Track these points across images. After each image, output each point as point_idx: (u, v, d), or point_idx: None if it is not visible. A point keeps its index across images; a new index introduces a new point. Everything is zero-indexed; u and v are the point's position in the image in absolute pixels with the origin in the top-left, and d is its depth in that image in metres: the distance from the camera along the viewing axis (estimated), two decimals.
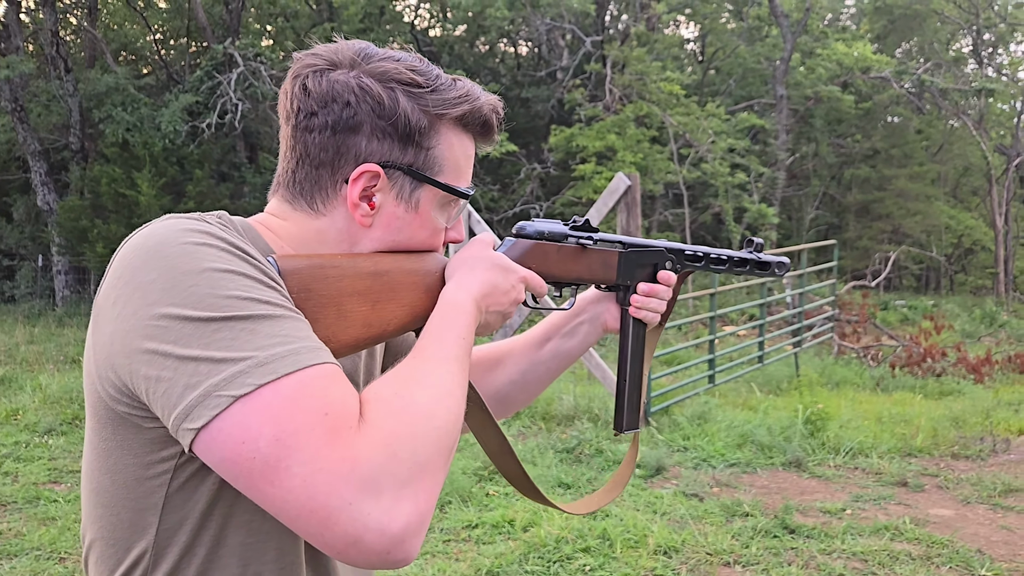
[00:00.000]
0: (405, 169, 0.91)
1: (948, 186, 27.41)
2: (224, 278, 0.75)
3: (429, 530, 4.32)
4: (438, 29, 21.10)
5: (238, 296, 0.75)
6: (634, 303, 1.18)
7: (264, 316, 0.75)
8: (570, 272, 1.11)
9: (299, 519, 0.71)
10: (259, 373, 0.72)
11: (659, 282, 1.19)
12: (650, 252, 1.18)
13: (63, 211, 14.86)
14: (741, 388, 8.23)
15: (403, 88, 0.90)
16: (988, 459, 5.81)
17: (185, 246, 0.77)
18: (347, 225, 0.92)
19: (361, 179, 0.90)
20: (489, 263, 0.99)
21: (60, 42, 15.63)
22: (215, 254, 0.77)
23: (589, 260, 1.12)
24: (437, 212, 0.96)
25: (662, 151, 17.82)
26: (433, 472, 0.76)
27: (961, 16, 25.48)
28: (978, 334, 14.78)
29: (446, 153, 0.94)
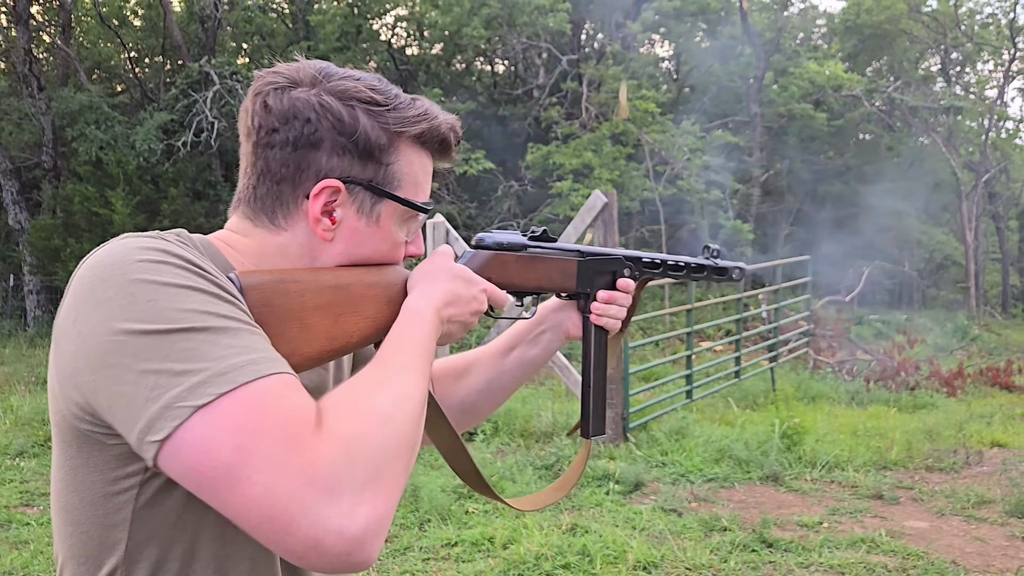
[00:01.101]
0: (365, 184, 0.93)
1: (919, 202, 27.82)
2: (181, 293, 0.76)
3: (408, 549, 4.29)
4: (415, 48, 21.19)
5: (196, 309, 0.76)
6: (594, 310, 1.20)
7: (222, 328, 0.76)
8: (530, 281, 1.12)
9: (260, 526, 0.72)
10: (219, 383, 0.73)
11: (618, 289, 1.21)
12: (608, 260, 1.20)
13: (35, 230, 14.68)
14: (718, 403, 8.27)
15: (363, 106, 0.92)
16: (961, 471, 5.88)
17: (142, 263, 0.78)
18: (309, 240, 0.94)
19: (322, 194, 0.91)
20: (450, 274, 1.01)
21: (33, 60, 15.50)
22: (171, 270, 0.78)
23: (548, 269, 1.14)
24: (397, 226, 0.98)
25: (638, 168, 17.96)
26: (392, 475, 0.77)
27: (929, 35, 26.02)
28: (950, 348, 14.98)
29: (405, 169, 0.96)
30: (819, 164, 24.77)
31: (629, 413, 6.41)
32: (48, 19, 18.65)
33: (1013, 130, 29.66)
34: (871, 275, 22.09)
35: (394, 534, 4.49)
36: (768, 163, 22.55)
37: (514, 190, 18.21)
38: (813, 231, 25.89)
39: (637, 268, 1.24)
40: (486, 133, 20.12)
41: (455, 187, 17.90)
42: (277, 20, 19.94)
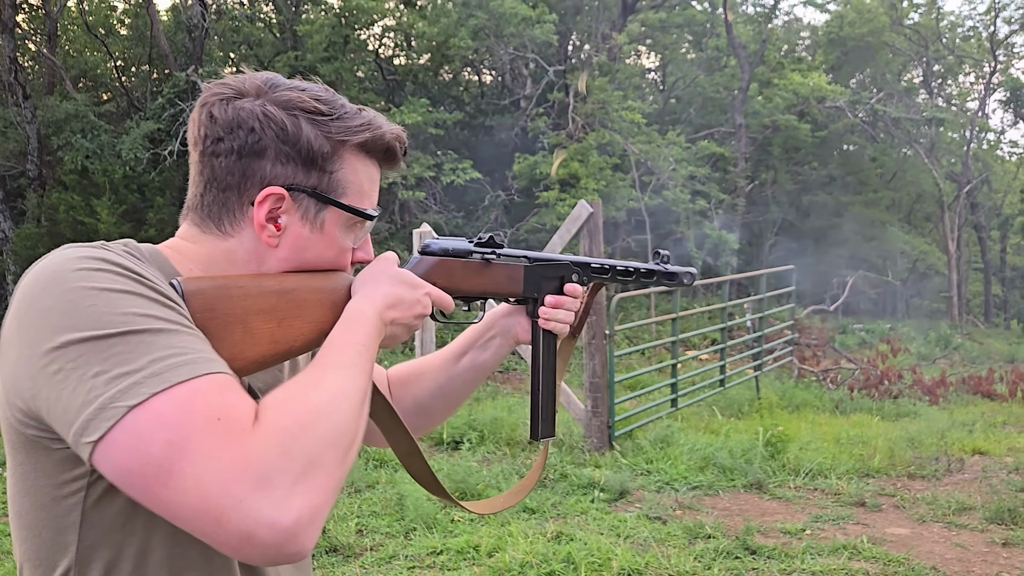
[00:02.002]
0: (309, 192, 0.95)
1: (902, 212, 28.10)
2: (119, 297, 0.78)
3: (394, 557, 4.30)
4: (402, 58, 21.23)
5: (134, 313, 0.78)
6: (542, 315, 1.22)
7: (159, 330, 0.78)
8: (476, 287, 1.14)
9: (193, 520, 0.73)
10: (152, 383, 0.74)
11: (566, 294, 1.23)
12: (555, 265, 1.22)
13: (19, 239, 14.60)
14: (703, 412, 8.32)
15: (307, 116, 0.94)
16: (943, 479, 5.94)
17: (80, 272, 0.80)
18: (255, 246, 0.96)
19: (267, 201, 0.93)
20: (394, 278, 1.03)
21: (18, 68, 15.44)
22: (109, 277, 0.80)
23: (495, 274, 1.15)
24: (343, 233, 1.00)
25: (624, 178, 18.06)
26: (328, 470, 0.78)
27: (911, 48, 26.32)
28: (933, 356, 15.11)
29: (350, 177, 0.97)
30: (803, 175, 24.98)
31: (614, 421, 6.44)
32: (34, 27, 18.59)
33: (994, 141, 30.06)
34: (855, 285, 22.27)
35: (379, 543, 4.50)
36: (753, 174, 22.72)
37: (501, 200, 18.26)
38: (798, 241, 26.08)
39: (585, 273, 1.25)
40: (473, 143, 20.17)
41: (442, 197, 17.93)
42: (264, 30, 19.95)
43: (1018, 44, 27.58)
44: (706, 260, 19.04)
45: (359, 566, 4.20)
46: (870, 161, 26.12)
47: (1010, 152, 32.57)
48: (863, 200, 25.01)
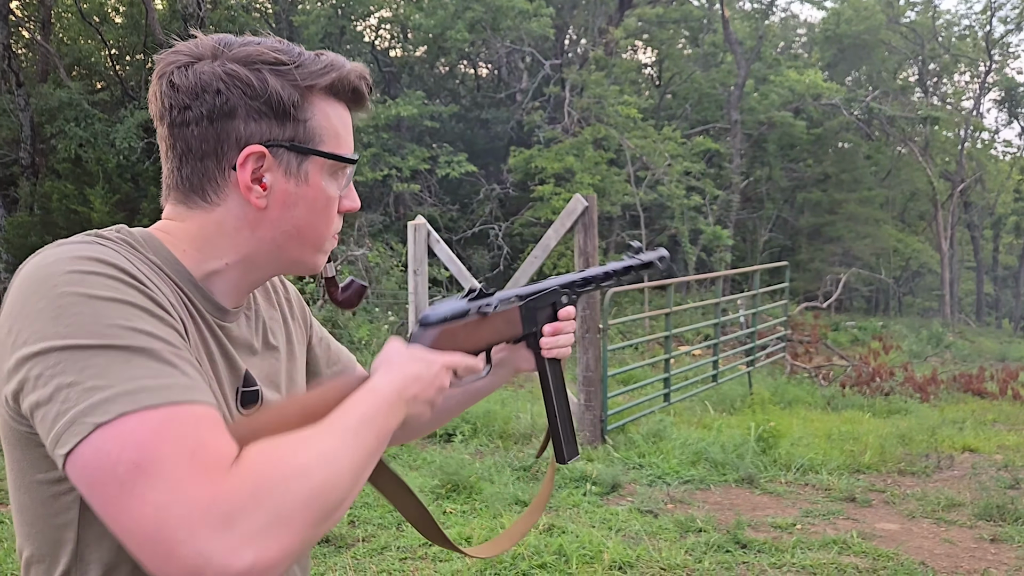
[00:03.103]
0: (288, 145, 0.92)
1: (896, 210, 28.18)
2: (108, 306, 0.77)
3: (386, 548, 4.31)
4: (399, 50, 21.18)
5: (120, 325, 0.76)
6: (544, 346, 1.22)
7: (141, 348, 0.76)
8: (480, 342, 1.13)
9: (144, 546, 0.71)
10: (123, 401, 0.73)
11: (561, 319, 1.23)
12: (546, 295, 1.22)
13: (11, 227, 14.54)
14: (696, 406, 8.35)
15: (269, 67, 0.91)
16: (933, 475, 5.97)
17: (73, 274, 0.78)
18: (243, 211, 0.93)
19: (248, 162, 0.90)
20: (409, 356, 1.00)
21: (12, 56, 15.35)
22: (102, 282, 0.78)
23: (494, 324, 1.15)
24: (328, 181, 0.96)
25: (619, 173, 18.07)
26: (295, 528, 0.76)
27: (907, 46, 26.36)
28: (925, 354, 15.18)
29: (323, 123, 0.94)
30: (798, 172, 25.03)
31: (607, 415, 6.46)
32: (28, 15, 18.48)
33: (988, 141, 30.16)
34: (848, 282, 22.34)
35: (372, 534, 4.51)
36: (748, 170, 22.75)
37: (496, 193, 18.25)
38: (792, 238, 26.15)
39: (573, 292, 1.27)
40: (468, 136, 20.15)
41: (437, 189, 17.91)
42: (260, 20, 19.87)
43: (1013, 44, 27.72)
44: (700, 256, 19.08)
45: (351, 557, 4.21)
46: (864, 159, 26.18)
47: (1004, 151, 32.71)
48: (857, 198, 25.07)
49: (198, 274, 0.94)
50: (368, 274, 12.60)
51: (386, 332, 11.20)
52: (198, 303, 0.93)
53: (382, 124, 16.10)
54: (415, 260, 7.17)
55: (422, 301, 7.20)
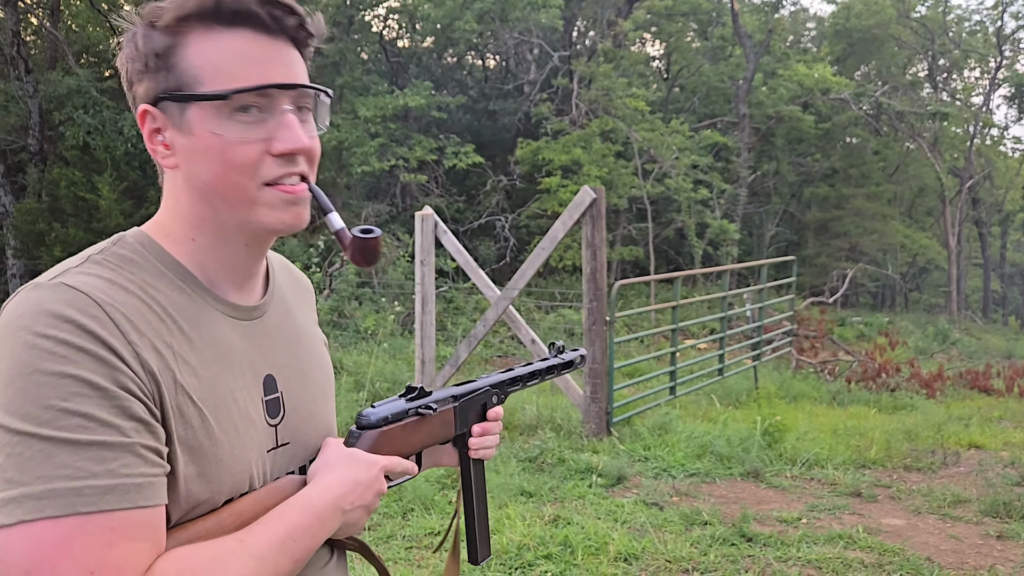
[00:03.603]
0: (165, 97, 0.87)
1: (903, 206, 28.08)
2: (50, 383, 0.74)
3: (391, 537, 4.32)
4: (406, 40, 21.13)
5: (54, 407, 0.74)
6: (472, 446, 1.20)
7: (66, 441, 0.73)
8: (418, 444, 1.10)
9: None
10: (28, 507, 0.71)
11: (489, 419, 1.21)
12: (479, 395, 1.21)
13: (19, 214, 14.57)
14: (701, 400, 8.34)
15: (144, 23, 0.88)
16: (939, 471, 5.96)
17: (29, 337, 0.76)
18: (170, 176, 0.92)
19: (145, 124, 0.89)
20: (349, 460, 0.97)
21: (21, 42, 15.36)
22: (52, 350, 0.75)
23: (431, 426, 1.13)
24: (223, 125, 0.86)
25: (627, 166, 18.03)
26: None
27: (917, 41, 26.22)
28: (931, 351, 15.15)
29: (198, 61, 0.86)
30: (806, 166, 24.95)
31: (613, 408, 6.46)
32: (37, 2, 18.47)
33: (997, 137, 30.00)
34: (855, 277, 22.29)
35: (377, 523, 4.52)
36: (755, 164, 22.68)
37: (503, 185, 18.22)
38: (798, 232, 26.08)
39: (503, 392, 1.25)
40: (476, 128, 20.11)
41: (443, 180, 17.89)
42: None
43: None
44: (707, 249, 19.05)
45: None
46: (873, 154, 26.08)
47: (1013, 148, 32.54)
48: (865, 193, 24.98)
49: (195, 267, 0.92)
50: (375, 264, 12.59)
51: (392, 322, 11.21)
52: (211, 305, 0.92)
53: (389, 114, 16.08)
54: (422, 251, 7.17)
55: (428, 291, 7.20)
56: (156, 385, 0.81)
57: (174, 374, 0.83)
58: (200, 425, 0.85)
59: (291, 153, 0.88)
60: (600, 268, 6.30)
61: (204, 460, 0.85)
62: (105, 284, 0.82)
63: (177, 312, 0.87)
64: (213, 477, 0.85)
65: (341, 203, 15.65)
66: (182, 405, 0.83)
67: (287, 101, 0.88)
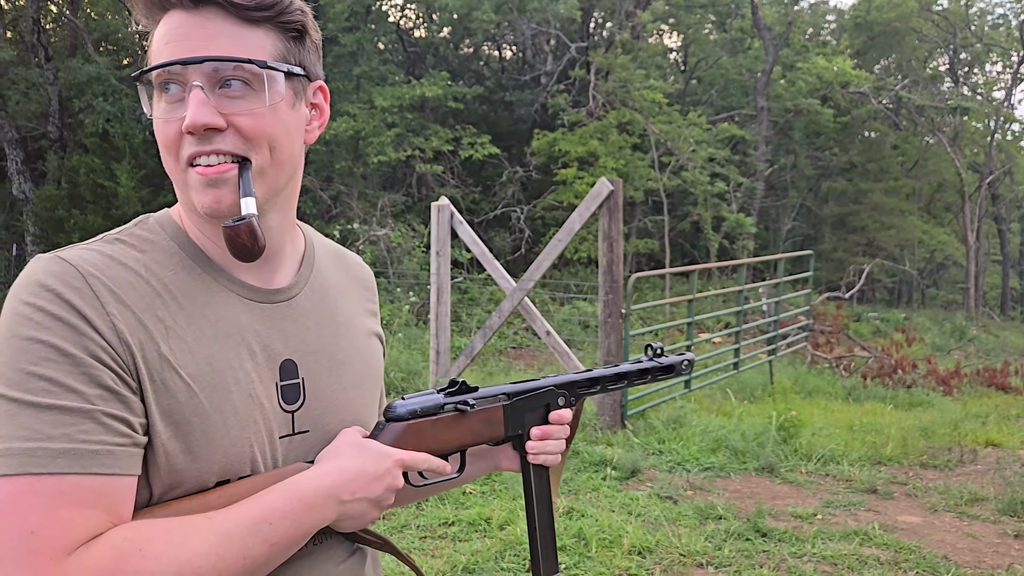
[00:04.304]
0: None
1: (922, 201, 27.84)
2: (21, 348, 0.77)
3: (406, 526, 4.34)
4: (423, 30, 21.10)
5: (23, 370, 0.76)
6: (531, 450, 1.11)
7: (29, 403, 0.75)
8: (453, 442, 1.03)
9: None
10: None
11: (552, 422, 1.11)
12: (537, 395, 1.11)
13: (39, 200, 14.69)
14: (716, 394, 8.32)
15: None
16: (956, 469, 5.92)
17: (16, 304, 0.79)
18: None
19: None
20: (357, 449, 0.93)
21: (41, 30, 15.46)
22: (30, 316, 0.78)
23: (471, 424, 1.04)
24: (159, 105, 0.89)
25: (643, 158, 17.96)
26: None
27: (939, 35, 25.93)
28: (948, 347, 15.03)
29: (153, 45, 0.89)
30: (824, 160, 24.76)
31: (627, 401, 6.45)
32: None
33: (1019, 132, 29.64)
34: (872, 273, 22.13)
35: (392, 512, 4.54)
36: (773, 157, 22.54)
37: (518, 176, 18.20)
38: (815, 227, 25.92)
39: (572, 394, 1.15)
40: (492, 118, 20.08)
41: (459, 171, 17.88)
42: None
43: None
44: (723, 243, 18.97)
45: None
46: (892, 149, 25.85)
47: None
48: (883, 188, 24.77)
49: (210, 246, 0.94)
50: (390, 255, 12.63)
51: (407, 312, 11.23)
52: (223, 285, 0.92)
53: (406, 104, 16.08)
54: (438, 241, 7.17)
55: (444, 282, 7.20)
56: (132, 356, 0.81)
57: (158, 347, 0.83)
58: (187, 400, 0.84)
59: (189, 131, 0.85)
60: (616, 261, 6.28)
61: (191, 435, 0.84)
62: (101, 258, 0.84)
63: (179, 289, 0.88)
64: (201, 454, 0.84)
65: (357, 193, 15.68)
66: (167, 378, 0.83)
67: (197, 77, 0.85)
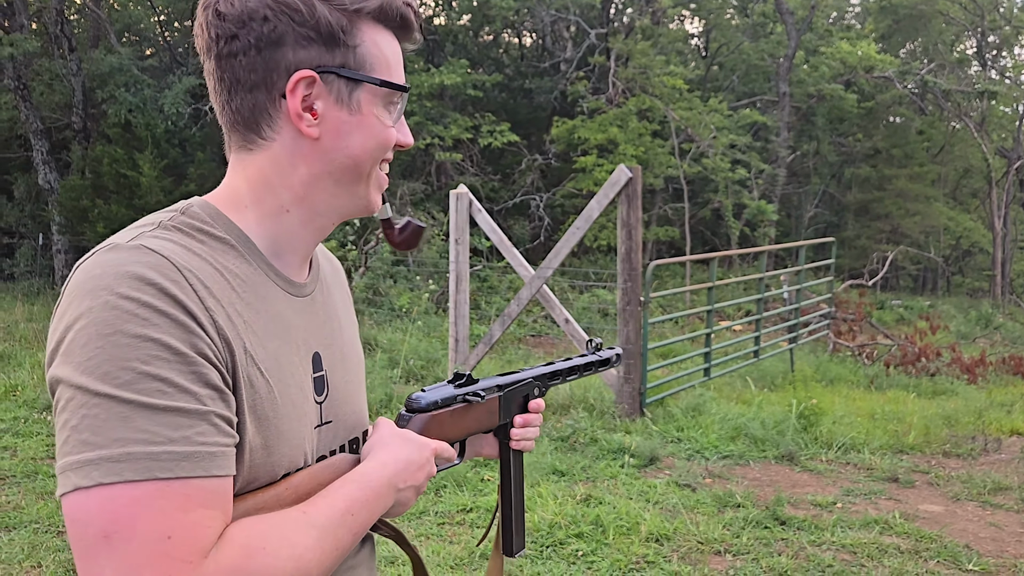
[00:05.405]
0: (338, 71, 0.89)
1: (948, 187, 27.44)
2: (129, 345, 0.74)
3: (424, 513, 4.36)
4: (442, 18, 21.05)
5: (133, 369, 0.74)
6: (515, 437, 1.21)
7: (145, 405, 0.74)
8: (463, 431, 1.12)
9: None
10: (105, 469, 0.72)
11: (531, 411, 1.23)
12: (523, 386, 1.22)
13: (64, 190, 14.86)
14: (736, 382, 8.28)
15: None
16: (979, 458, 5.86)
17: (110, 298, 0.76)
18: (296, 144, 0.90)
19: (298, 88, 0.87)
20: (402, 440, 0.98)
21: (64, 21, 15.59)
22: (133, 311, 0.75)
23: (477, 414, 1.14)
24: (380, 111, 0.93)
25: (663, 145, 17.83)
26: None
27: (966, 18, 25.48)
28: (973, 335, 14.85)
29: (373, 50, 0.91)
30: (847, 146, 24.46)
31: (646, 388, 6.44)
32: None
33: None
34: (896, 260, 21.88)
35: None
36: (795, 144, 22.30)
37: (538, 164, 18.14)
38: (838, 214, 25.65)
39: (544, 385, 1.26)
40: (511, 106, 20.01)
41: (479, 159, 17.85)
42: None
43: None
44: (744, 230, 18.82)
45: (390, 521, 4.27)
46: (917, 134, 25.47)
47: None
48: (908, 174, 24.43)
49: (265, 239, 0.93)
50: None
51: (427, 300, 11.26)
52: (272, 279, 0.92)
53: (425, 93, 16.06)
54: (456, 229, 7.17)
55: (463, 270, 7.21)
56: (230, 353, 0.81)
57: (244, 343, 0.84)
58: (267, 396, 0.85)
59: (401, 147, 0.97)
60: (635, 248, 6.25)
61: (269, 431, 0.85)
62: (182, 250, 0.82)
63: (245, 282, 0.88)
64: (274, 449, 0.86)
65: None
66: (251, 375, 0.84)
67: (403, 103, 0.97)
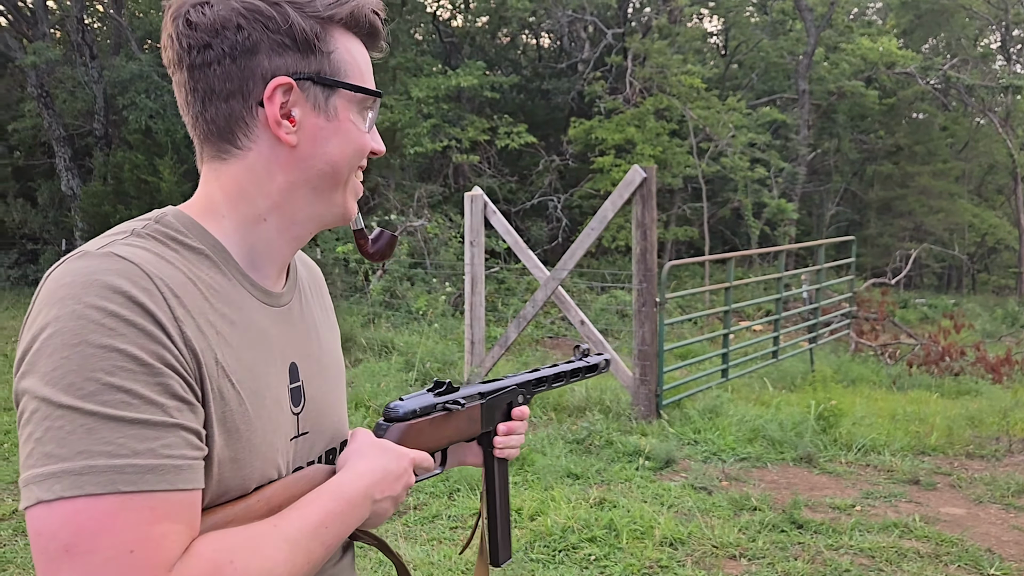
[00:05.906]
0: (315, 78, 0.89)
1: (972, 184, 27.09)
2: (95, 355, 0.73)
3: (437, 516, 4.35)
4: (460, 19, 21.07)
5: (98, 380, 0.72)
6: (498, 445, 1.20)
7: (109, 417, 0.72)
8: (444, 439, 1.10)
9: None
10: (69, 482, 0.71)
11: (515, 419, 1.22)
12: (505, 393, 1.20)
13: (86, 196, 15.04)
14: (754, 383, 8.20)
15: (287, 1, 0.88)
16: (1003, 459, 5.76)
17: (77, 307, 0.74)
18: (274, 151, 0.89)
19: (275, 95, 0.87)
20: (380, 450, 0.97)
21: (86, 29, 15.78)
22: (100, 321, 0.74)
23: (457, 422, 1.12)
24: (356, 117, 0.94)
25: (681, 144, 17.74)
26: None
27: (990, 12, 25.12)
28: (999, 334, 14.62)
29: (346, 56, 0.92)
30: (868, 143, 24.19)
31: (663, 390, 6.39)
32: None
33: None
34: (919, 258, 21.61)
35: (423, 502, 4.56)
36: (816, 141, 22.09)
37: (555, 165, 18.11)
38: (860, 212, 25.38)
39: (529, 392, 1.25)
40: (529, 107, 20.00)
41: (496, 161, 17.85)
42: None
43: None
44: (764, 230, 18.67)
45: (402, 524, 4.26)
46: (940, 130, 25.15)
47: None
48: (931, 171, 24.13)
49: (242, 249, 0.91)
50: (426, 245, 12.67)
51: (443, 303, 11.26)
52: (247, 290, 0.91)
53: (442, 95, 16.08)
54: (471, 231, 7.16)
55: (478, 272, 7.19)
56: (198, 364, 0.80)
57: (215, 354, 0.82)
58: (238, 408, 0.84)
59: (375, 154, 0.98)
60: (650, 248, 6.21)
61: (239, 444, 0.84)
62: (154, 257, 0.81)
63: (218, 292, 0.86)
64: (245, 463, 0.85)
65: (394, 184, 15.75)
66: (222, 387, 0.82)
67: None
